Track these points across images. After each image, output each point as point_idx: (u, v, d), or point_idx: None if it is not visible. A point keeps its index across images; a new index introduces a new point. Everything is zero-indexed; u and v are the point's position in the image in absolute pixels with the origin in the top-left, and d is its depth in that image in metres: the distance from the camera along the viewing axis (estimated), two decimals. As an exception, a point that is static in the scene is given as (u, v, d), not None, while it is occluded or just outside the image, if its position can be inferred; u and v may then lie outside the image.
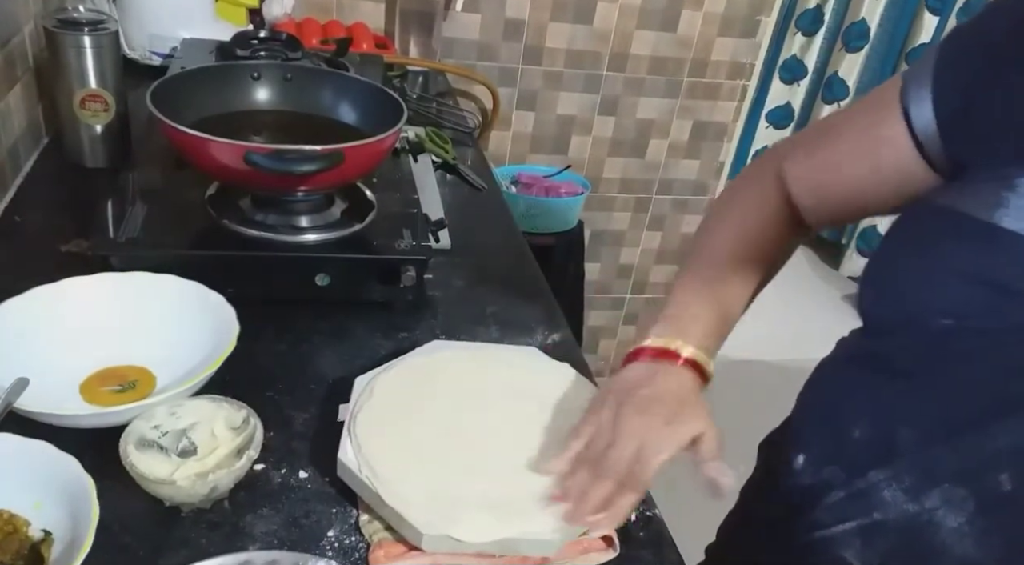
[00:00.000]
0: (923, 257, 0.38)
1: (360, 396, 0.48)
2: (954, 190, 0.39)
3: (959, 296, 0.36)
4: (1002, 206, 0.35)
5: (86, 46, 0.70)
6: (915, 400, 0.39)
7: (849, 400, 0.42)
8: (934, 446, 0.37)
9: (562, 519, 0.41)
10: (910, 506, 0.38)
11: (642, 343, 0.46)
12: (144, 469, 0.42)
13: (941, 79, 0.40)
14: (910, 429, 0.38)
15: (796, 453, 0.44)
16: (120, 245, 0.57)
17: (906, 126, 0.42)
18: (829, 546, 0.42)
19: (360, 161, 0.60)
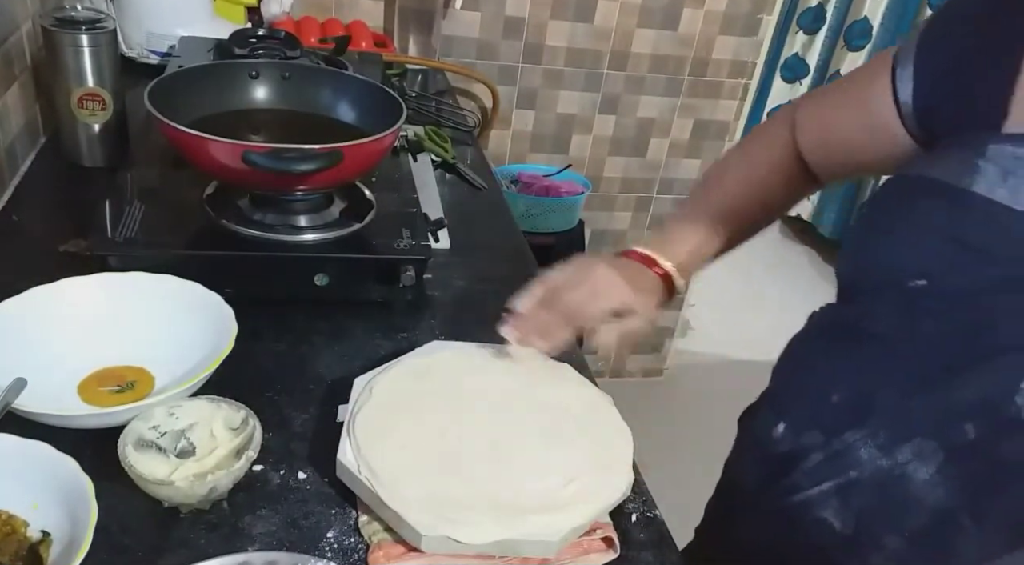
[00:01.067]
0: (898, 221, 0.41)
1: (359, 397, 0.48)
2: (928, 160, 0.41)
3: (932, 257, 0.38)
4: (974, 173, 0.37)
5: (84, 45, 0.70)
6: (890, 361, 0.40)
7: (827, 367, 0.44)
8: (906, 402, 0.39)
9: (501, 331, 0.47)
10: (884, 462, 0.40)
11: (633, 247, 0.52)
12: (142, 470, 0.42)
13: (922, 51, 0.44)
14: (885, 388, 0.40)
15: (776, 422, 0.46)
16: (118, 245, 0.56)
17: (892, 95, 0.45)
18: (808, 508, 0.43)
19: (359, 160, 0.59)
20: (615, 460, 0.46)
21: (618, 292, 0.47)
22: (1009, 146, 0.37)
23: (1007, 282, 0.36)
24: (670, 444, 0.57)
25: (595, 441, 0.47)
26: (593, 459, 0.46)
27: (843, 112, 0.49)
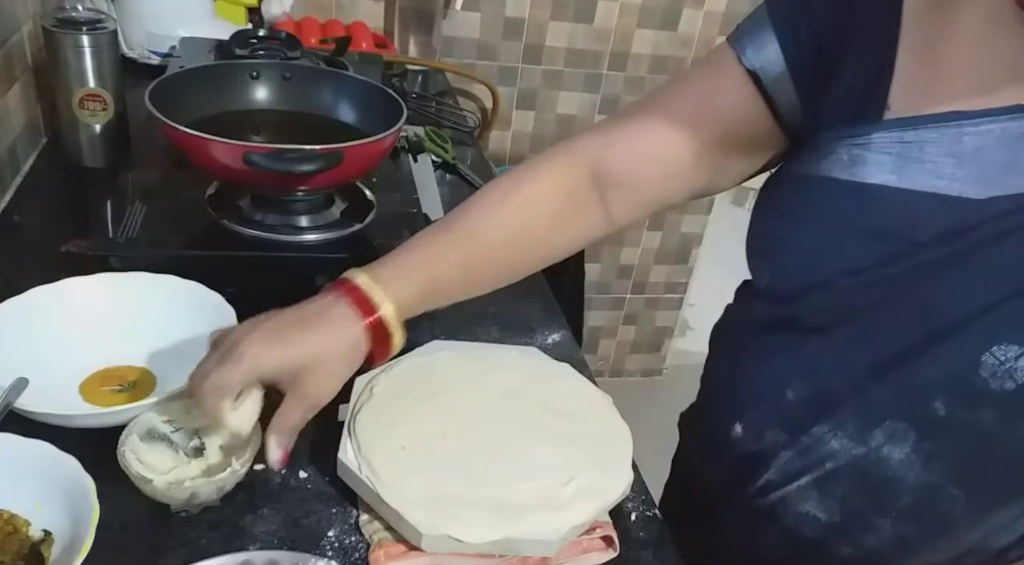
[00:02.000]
0: (804, 226, 0.40)
1: (360, 396, 0.48)
2: (811, 157, 0.40)
3: (852, 254, 0.38)
4: (862, 163, 0.37)
5: (85, 45, 0.70)
6: (839, 352, 0.40)
7: (773, 364, 0.43)
8: (869, 389, 0.39)
9: None
10: (858, 449, 0.40)
11: (355, 279, 0.41)
12: (140, 460, 0.42)
13: (785, 24, 0.41)
14: (841, 379, 0.40)
15: (732, 423, 0.45)
16: (119, 245, 0.57)
17: (744, 70, 0.42)
18: (788, 504, 0.43)
19: (359, 161, 0.60)
20: (615, 459, 0.46)
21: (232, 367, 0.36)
22: (895, 132, 0.37)
23: (933, 264, 0.36)
24: (670, 444, 0.58)
25: (595, 440, 0.47)
26: (593, 458, 0.46)
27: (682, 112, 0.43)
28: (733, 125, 0.43)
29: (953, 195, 0.36)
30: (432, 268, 0.42)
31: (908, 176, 0.37)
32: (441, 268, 0.42)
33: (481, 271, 0.44)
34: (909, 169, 0.37)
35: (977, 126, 0.35)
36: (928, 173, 0.36)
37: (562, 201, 0.45)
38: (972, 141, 0.35)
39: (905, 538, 0.41)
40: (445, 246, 0.43)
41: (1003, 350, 0.35)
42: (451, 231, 0.43)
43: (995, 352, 0.35)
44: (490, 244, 0.44)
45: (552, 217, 0.45)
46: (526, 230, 0.45)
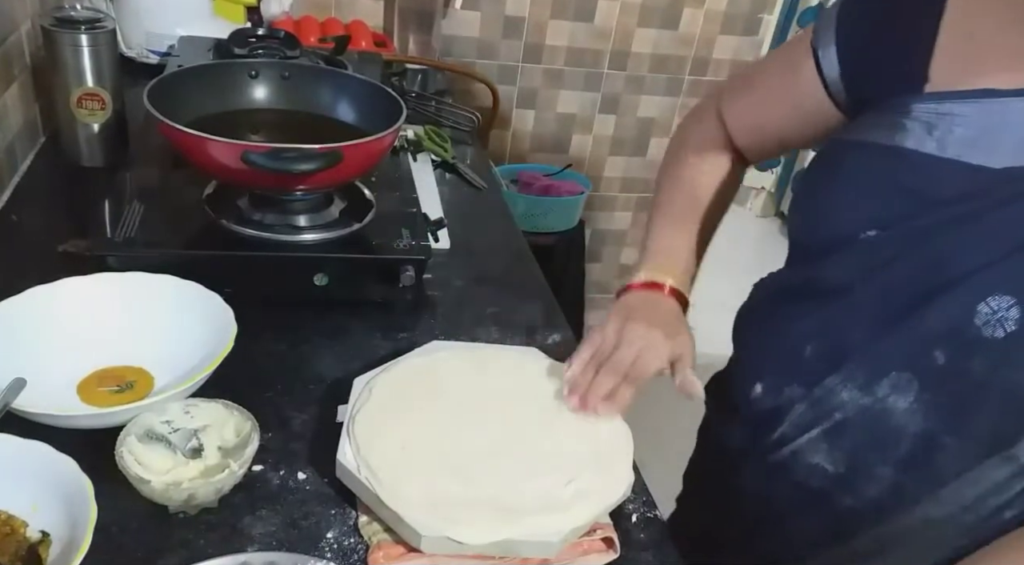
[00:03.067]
0: (843, 182, 0.45)
1: (359, 397, 0.48)
2: (860, 125, 0.46)
3: (878, 209, 0.43)
4: (902, 130, 0.42)
5: (83, 44, 0.70)
6: (855, 308, 0.44)
7: (795, 325, 0.47)
8: (877, 341, 0.43)
9: (572, 408, 0.48)
10: (865, 400, 0.43)
11: (632, 280, 0.54)
12: (139, 461, 0.42)
13: (843, 27, 0.48)
14: (855, 333, 0.44)
15: (753, 383, 0.49)
16: (117, 245, 0.56)
17: (816, 70, 0.49)
18: (799, 456, 0.46)
19: (359, 160, 0.59)
20: (615, 460, 0.46)
21: (661, 354, 0.48)
22: (932, 104, 0.41)
23: (950, 221, 0.40)
24: (670, 444, 0.58)
25: (595, 441, 0.47)
26: (593, 459, 0.46)
27: (773, 106, 0.53)
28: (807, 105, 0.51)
29: (975, 163, 0.40)
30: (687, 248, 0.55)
31: (940, 144, 0.41)
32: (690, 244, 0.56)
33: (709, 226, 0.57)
34: (942, 138, 0.41)
35: (1005, 104, 0.39)
36: (957, 143, 0.40)
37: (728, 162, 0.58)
38: (1000, 117, 0.39)
39: (903, 488, 0.43)
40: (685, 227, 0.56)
41: (997, 300, 0.38)
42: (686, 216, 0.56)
43: (990, 302, 0.38)
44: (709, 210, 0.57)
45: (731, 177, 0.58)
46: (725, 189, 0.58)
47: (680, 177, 0.58)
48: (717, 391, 0.54)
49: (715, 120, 0.58)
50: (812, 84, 0.49)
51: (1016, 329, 0.38)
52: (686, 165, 0.58)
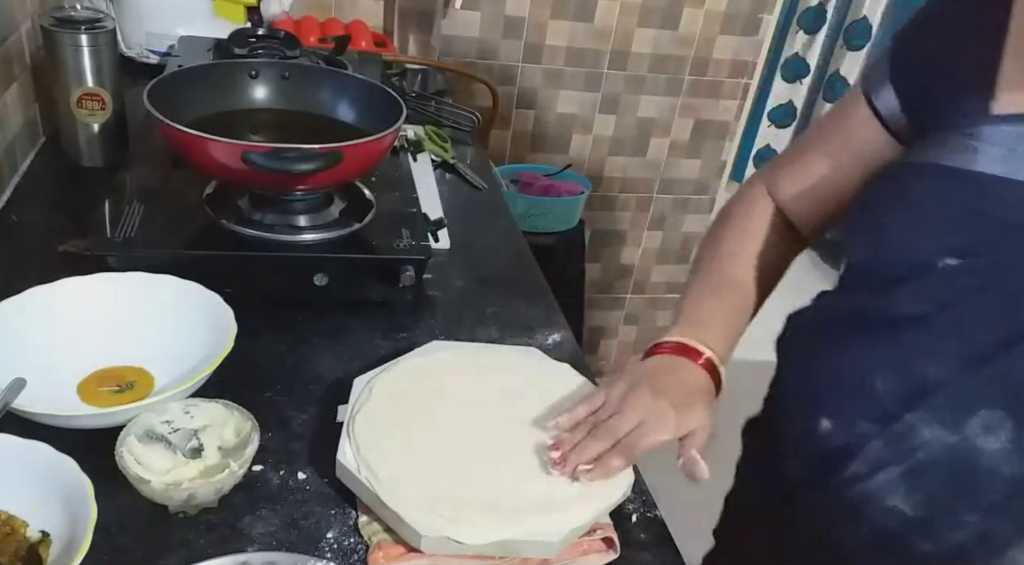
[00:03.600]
0: (915, 206, 0.43)
1: (359, 397, 0.48)
2: (924, 147, 0.43)
3: (959, 235, 0.40)
4: (973, 152, 0.40)
5: (83, 44, 0.70)
6: (935, 338, 0.41)
7: (865, 356, 0.44)
8: (965, 377, 0.40)
9: (551, 465, 0.44)
10: (951, 438, 0.40)
11: (665, 338, 0.49)
12: (138, 461, 0.42)
13: (897, 61, 0.47)
14: (937, 366, 0.41)
15: (817, 419, 0.45)
16: (117, 245, 0.56)
17: (872, 112, 0.48)
18: (873, 496, 0.43)
19: (359, 160, 0.59)
20: (615, 460, 0.46)
21: (665, 427, 0.43)
22: (1004, 126, 0.40)
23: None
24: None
25: (595, 441, 0.47)
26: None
27: (828, 164, 0.51)
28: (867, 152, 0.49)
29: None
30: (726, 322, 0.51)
31: (1014, 168, 0.39)
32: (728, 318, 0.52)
33: (749, 305, 0.53)
34: (1016, 162, 0.39)
35: None
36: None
37: (778, 239, 0.55)
38: None
39: (992, 535, 0.40)
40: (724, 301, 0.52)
41: None
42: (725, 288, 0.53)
43: None
44: (751, 288, 0.53)
45: (778, 255, 0.55)
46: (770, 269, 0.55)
47: (719, 255, 0.54)
48: (766, 426, 0.51)
49: (762, 196, 0.55)
50: (869, 128, 0.48)
51: None
52: (728, 241, 0.55)
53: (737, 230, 0.55)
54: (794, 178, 0.54)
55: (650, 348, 0.49)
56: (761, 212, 0.55)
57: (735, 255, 0.54)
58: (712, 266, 0.54)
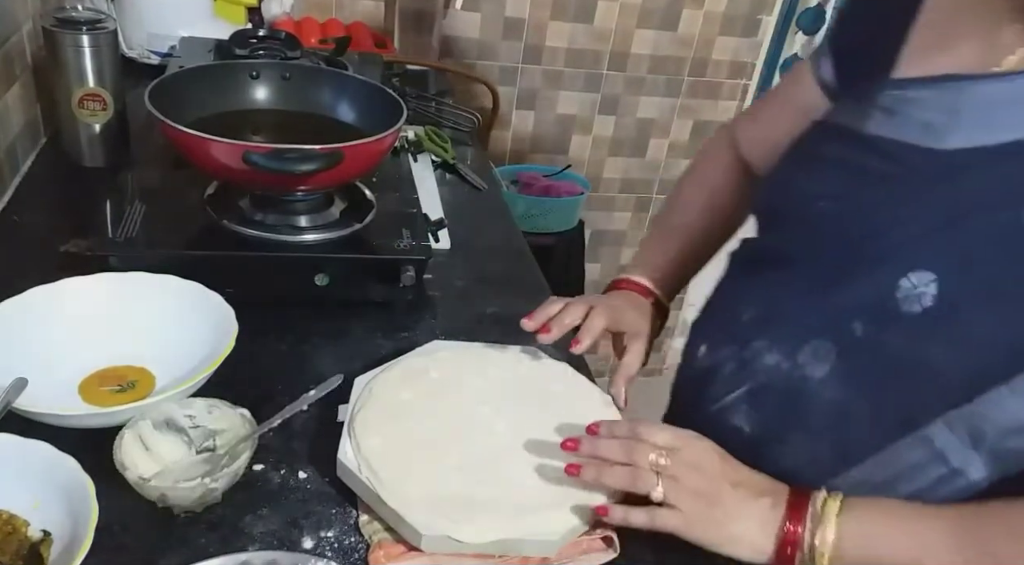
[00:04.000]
0: (806, 157, 0.48)
1: (360, 396, 0.48)
2: (833, 110, 0.49)
3: (833, 184, 0.45)
4: (865, 116, 0.44)
5: (84, 45, 0.70)
6: (794, 274, 0.45)
7: (743, 292, 0.50)
8: (803, 308, 0.44)
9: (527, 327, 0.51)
10: (785, 364, 0.44)
11: (623, 276, 0.59)
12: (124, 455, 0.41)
13: (835, 34, 0.53)
14: (787, 298, 0.45)
15: (699, 344, 0.51)
16: (119, 245, 0.57)
17: (814, 77, 0.53)
18: (723, 415, 0.47)
19: (359, 160, 0.60)
20: (615, 460, 0.46)
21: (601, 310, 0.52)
22: (896, 91, 0.43)
23: (889, 197, 0.42)
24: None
25: (595, 441, 0.47)
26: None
27: (779, 116, 0.56)
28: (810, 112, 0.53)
29: (925, 146, 0.41)
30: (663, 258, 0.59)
31: (897, 129, 0.42)
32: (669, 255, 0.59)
33: (698, 250, 0.60)
34: (901, 123, 0.42)
35: (962, 88, 0.40)
36: (914, 127, 0.42)
37: (735, 183, 0.60)
38: (955, 101, 0.41)
39: (818, 460, 0.43)
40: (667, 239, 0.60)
41: (918, 275, 0.39)
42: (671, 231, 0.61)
43: (911, 276, 0.39)
44: (703, 233, 0.60)
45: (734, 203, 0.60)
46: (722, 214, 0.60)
47: (684, 205, 0.61)
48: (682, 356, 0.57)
49: (728, 150, 0.61)
50: (812, 91, 0.52)
51: (932, 305, 0.38)
52: (692, 193, 0.62)
53: (694, 182, 0.63)
54: (754, 129, 0.60)
55: (611, 284, 0.58)
56: (719, 162, 0.61)
57: (690, 203, 0.61)
58: (670, 215, 0.62)
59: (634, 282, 0.57)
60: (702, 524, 0.40)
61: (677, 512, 0.41)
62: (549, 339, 0.50)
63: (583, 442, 0.43)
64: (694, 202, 0.61)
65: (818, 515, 0.40)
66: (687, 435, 0.43)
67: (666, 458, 0.41)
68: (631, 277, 0.58)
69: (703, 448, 0.42)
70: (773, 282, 0.47)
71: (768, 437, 0.45)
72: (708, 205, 0.60)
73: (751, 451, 0.44)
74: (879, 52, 0.46)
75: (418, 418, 0.47)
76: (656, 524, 0.41)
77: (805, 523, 0.40)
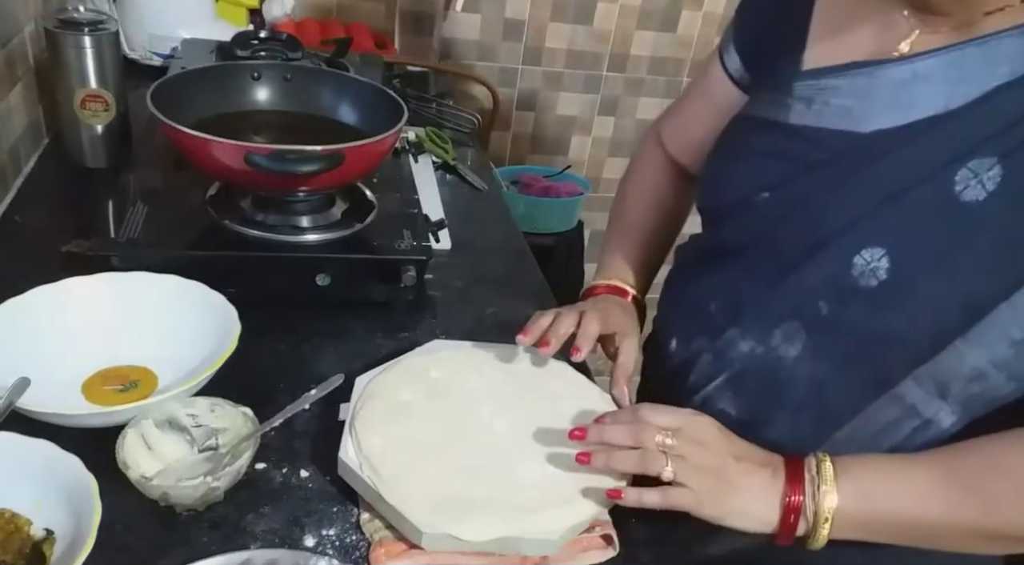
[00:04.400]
0: (739, 152, 0.50)
1: (361, 396, 0.48)
2: (752, 102, 0.51)
3: (769, 174, 0.47)
4: (785, 107, 0.47)
5: (86, 46, 0.70)
6: (752, 263, 0.48)
7: (703, 285, 0.52)
8: (769, 295, 0.46)
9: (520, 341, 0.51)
10: (759, 349, 0.47)
11: (598, 281, 0.60)
12: (127, 453, 0.42)
13: (738, 23, 0.55)
14: (751, 288, 0.48)
15: (669, 339, 0.54)
16: (121, 245, 0.57)
17: (723, 71, 0.55)
18: (708, 403, 0.50)
19: (360, 161, 0.60)
20: (615, 459, 0.46)
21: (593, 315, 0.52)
22: (810, 81, 0.46)
23: (825, 182, 0.44)
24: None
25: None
26: (593, 458, 0.46)
27: (696, 113, 0.58)
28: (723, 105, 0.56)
29: (846, 130, 0.44)
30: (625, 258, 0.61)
31: (817, 116, 0.45)
32: (630, 254, 0.62)
33: (653, 248, 0.62)
34: (819, 111, 0.45)
35: (871, 73, 0.43)
36: (833, 113, 0.45)
37: (671, 179, 0.63)
38: (866, 86, 0.44)
39: (799, 432, 0.46)
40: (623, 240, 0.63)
41: (869, 252, 0.41)
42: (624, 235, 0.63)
43: (863, 254, 0.42)
44: (652, 231, 0.63)
45: (675, 197, 0.63)
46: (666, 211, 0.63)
47: (626, 210, 0.64)
48: (647, 352, 0.59)
49: (657, 149, 0.64)
50: (723, 84, 0.55)
51: (887, 277, 0.41)
52: (632, 197, 0.64)
53: (633, 183, 0.65)
54: (675, 132, 0.62)
55: (588, 289, 0.60)
56: (652, 163, 0.64)
57: (635, 205, 0.64)
58: (619, 219, 0.64)
59: (610, 286, 0.59)
60: (712, 500, 0.41)
61: (688, 490, 0.41)
62: (549, 352, 0.50)
63: (590, 430, 0.44)
64: (638, 203, 0.63)
65: (815, 480, 0.41)
66: (687, 413, 0.44)
67: (672, 438, 0.42)
68: (604, 282, 0.59)
69: (705, 425, 0.44)
70: (733, 273, 0.49)
71: (754, 418, 0.48)
72: (652, 204, 0.63)
73: (739, 431, 0.45)
74: (782, 43, 0.48)
75: (419, 417, 0.47)
76: (670, 502, 0.41)
77: (805, 489, 0.41)
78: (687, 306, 0.53)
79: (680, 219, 0.64)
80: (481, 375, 0.52)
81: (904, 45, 0.43)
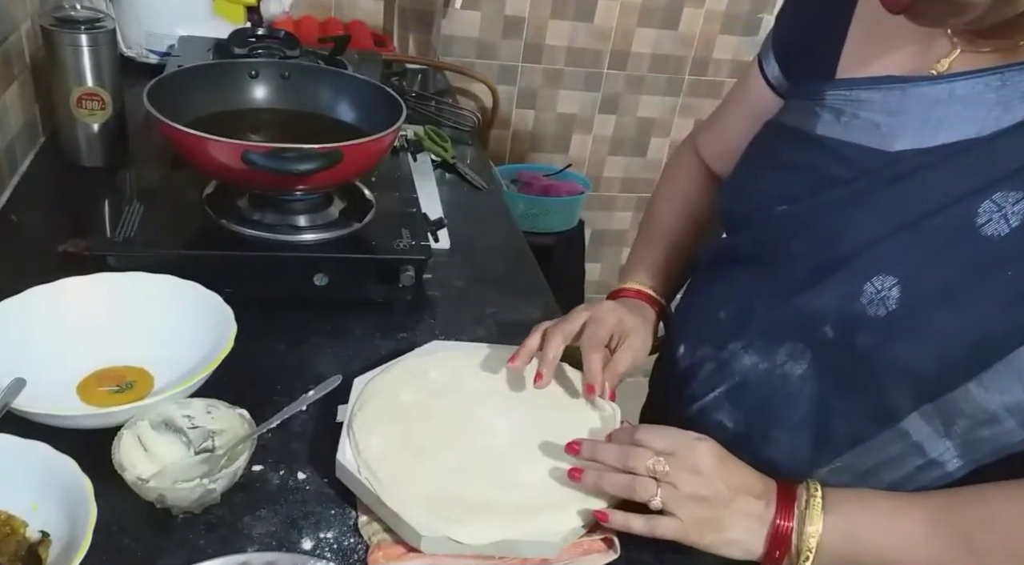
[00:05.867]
0: (764, 161, 0.49)
1: (359, 397, 0.48)
2: (785, 109, 0.50)
3: (791, 186, 0.46)
4: (815, 116, 0.46)
5: (83, 44, 0.70)
6: (764, 276, 0.47)
7: (716, 292, 0.51)
8: (777, 311, 0.45)
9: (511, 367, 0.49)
10: (763, 365, 0.46)
11: (625, 285, 0.59)
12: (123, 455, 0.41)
13: (777, 31, 0.54)
14: (759, 301, 0.47)
15: (678, 344, 0.53)
16: (117, 244, 0.56)
17: (763, 78, 0.55)
18: (705, 413, 0.49)
19: (359, 160, 0.59)
20: (615, 460, 0.46)
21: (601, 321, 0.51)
22: (842, 91, 0.45)
23: (845, 200, 0.43)
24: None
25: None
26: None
27: (734, 119, 0.58)
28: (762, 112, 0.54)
29: (872, 147, 0.43)
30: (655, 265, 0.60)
31: (845, 129, 0.44)
32: (658, 262, 0.60)
33: (681, 256, 0.61)
34: (848, 123, 0.44)
35: (904, 89, 0.42)
36: (861, 127, 0.43)
37: (704, 189, 0.63)
38: (899, 102, 0.42)
39: (797, 452, 0.45)
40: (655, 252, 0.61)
41: (881, 280, 0.40)
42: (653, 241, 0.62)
43: (874, 281, 0.40)
44: (681, 239, 0.61)
45: (706, 206, 0.62)
46: (696, 219, 0.62)
47: (660, 217, 0.63)
48: (659, 355, 0.58)
49: (693, 159, 0.63)
50: (762, 91, 0.55)
51: (896, 308, 0.39)
52: (665, 205, 0.64)
53: (666, 189, 0.64)
54: (712, 138, 0.62)
55: (613, 292, 0.59)
56: (686, 171, 0.63)
57: (666, 213, 0.63)
58: (649, 226, 0.63)
59: (633, 290, 0.58)
60: (698, 530, 0.41)
61: (676, 520, 0.41)
62: (542, 386, 0.48)
63: (584, 445, 0.44)
64: (669, 211, 0.63)
65: (803, 515, 0.41)
66: (687, 437, 0.43)
67: (664, 464, 0.41)
68: (630, 286, 0.58)
69: (703, 451, 0.42)
70: (744, 283, 0.48)
71: (751, 433, 0.47)
72: (682, 212, 0.62)
73: (735, 446, 0.44)
74: (819, 51, 0.48)
75: (417, 419, 0.47)
76: (655, 532, 0.41)
77: (792, 523, 0.41)
78: (698, 311, 0.52)
79: (711, 228, 0.63)
80: (480, 376, 0.51)
81: (943, 63, 0.41)
